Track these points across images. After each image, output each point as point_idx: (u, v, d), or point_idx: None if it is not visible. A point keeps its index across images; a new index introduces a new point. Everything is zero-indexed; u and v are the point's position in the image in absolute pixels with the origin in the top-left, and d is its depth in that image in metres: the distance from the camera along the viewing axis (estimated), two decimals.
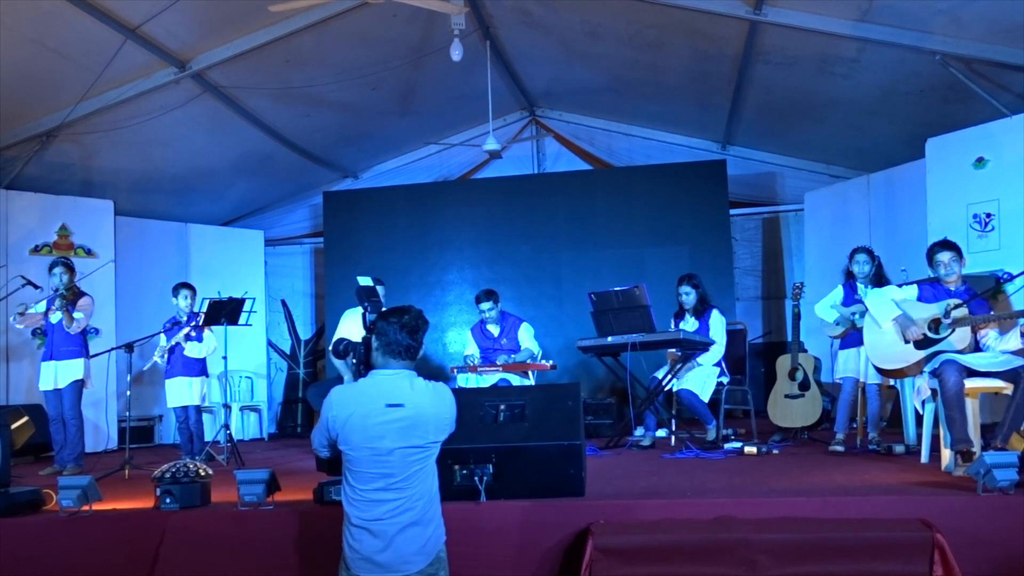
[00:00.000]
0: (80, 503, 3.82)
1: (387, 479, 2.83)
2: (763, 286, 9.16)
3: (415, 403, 2.88)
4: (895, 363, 4.82)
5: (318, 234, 9.59)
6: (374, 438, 2.82)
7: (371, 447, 2.82)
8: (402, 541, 2.82)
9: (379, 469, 2.83)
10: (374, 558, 2.81)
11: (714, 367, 6.14)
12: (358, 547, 2.83)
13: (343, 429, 2.85)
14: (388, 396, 2.86)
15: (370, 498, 2.83)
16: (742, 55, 6.78)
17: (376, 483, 2.83)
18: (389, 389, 2.89)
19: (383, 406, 2.84)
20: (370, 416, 2.83)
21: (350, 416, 2.84)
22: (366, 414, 2.84)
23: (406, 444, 2.84)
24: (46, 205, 7.54)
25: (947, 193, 6.35)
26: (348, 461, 2.88)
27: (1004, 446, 4.04)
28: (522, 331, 6.63)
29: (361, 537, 2.82)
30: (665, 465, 5.15)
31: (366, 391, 2.90)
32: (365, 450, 2.83)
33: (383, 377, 2.93)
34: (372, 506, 2.82)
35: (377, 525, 2.81)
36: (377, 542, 2.81)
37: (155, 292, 7.58)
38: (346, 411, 2.86)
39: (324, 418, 2.91)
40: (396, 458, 2.83)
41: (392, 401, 2.85)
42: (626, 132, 9.30)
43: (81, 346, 5.99)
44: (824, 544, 3.30)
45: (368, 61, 7.23)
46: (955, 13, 5.61)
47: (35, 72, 6.25)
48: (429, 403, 2.92)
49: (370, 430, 2.82)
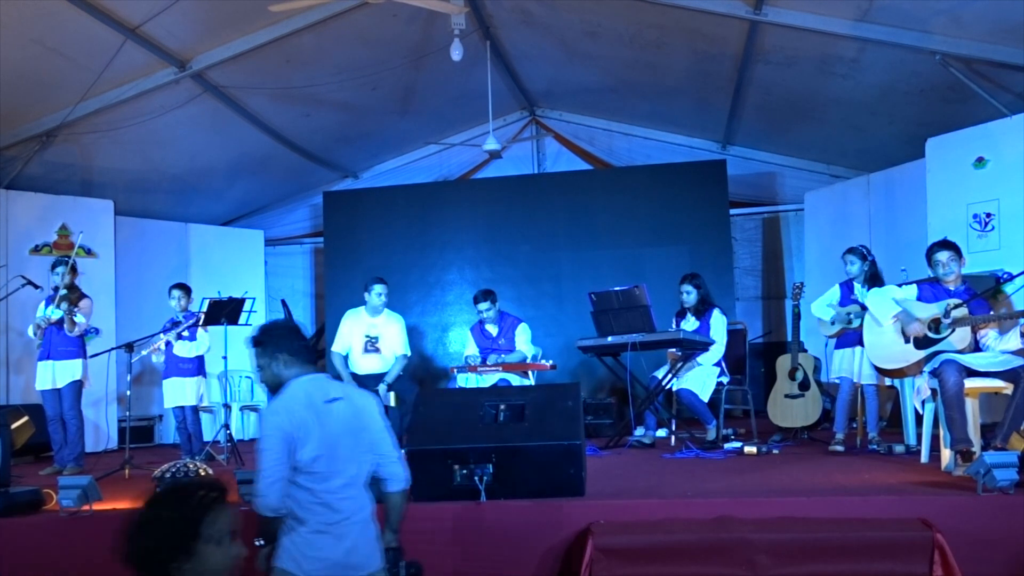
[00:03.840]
0: (80, 503, 3.82)
1: (344, 475, 2.77)
2: (763, 286, 9.16)
3: (348, 395, 2.87)
4: (895, 363, 4.82)
5: (318, 234, 9.59)
6: (329, 435, 2.75)
7: (329, 444, 2.74)
8: (363, 540, 2.78)
9: (337, 466, 2.75)
10: (344, 560, 2.72)
11: (714, 367, 6.14)
12: (321, 554, 2.70)
13: (302, 432, 2.70)
14: (323, 394, 2.81)
15: (332, 500, 2.73)
16: (742, 55, 6.78)
17: (336, 480, 2.75)
18: (320, 389, 2.83)
19: (324, 403, 2.78)
20: (319, 415, 2.75)
21: (303, 419, 2.72)
22: (315, 413, 2.75)
23: (355, 437, 2.82)
24: (46, 205, 7.52)
25: (947, 193, 6.35)
26: (305, 468, 2.72)
27: (1004, 446, 4.05)
28: (518, 332, 6.62)
29: (324, 543, 2.71)
30: (665, 465, 5.15)
31: (300, 397, 2.77)
32: (324, 448, 2.73)
33: (306, 382, 2.83)
34: (335, 507, 2.74)
35: (341, 527, 2.73)
36: (343, 544, 2.73)
37: (155, 292, 7.56)
38: (297, 415, 2.72)
39: (278, 433, 2.70)
40: (349, 452, 2.79)
41: (330, 397, 2.81)
42: (626, 132, 9.29)
43: (79, 346, 5.99)
44: (824, 544, 3.31)
45: (368, 61, 7.23)
46: (955, 13, 5.61)
47: (35, 72, 6.25)
48: (358, 394, 2.93)
49: (324, 427, 2.74)
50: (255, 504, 2.69)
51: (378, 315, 6.48)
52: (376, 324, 6.47)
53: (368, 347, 6.43)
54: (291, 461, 2.70)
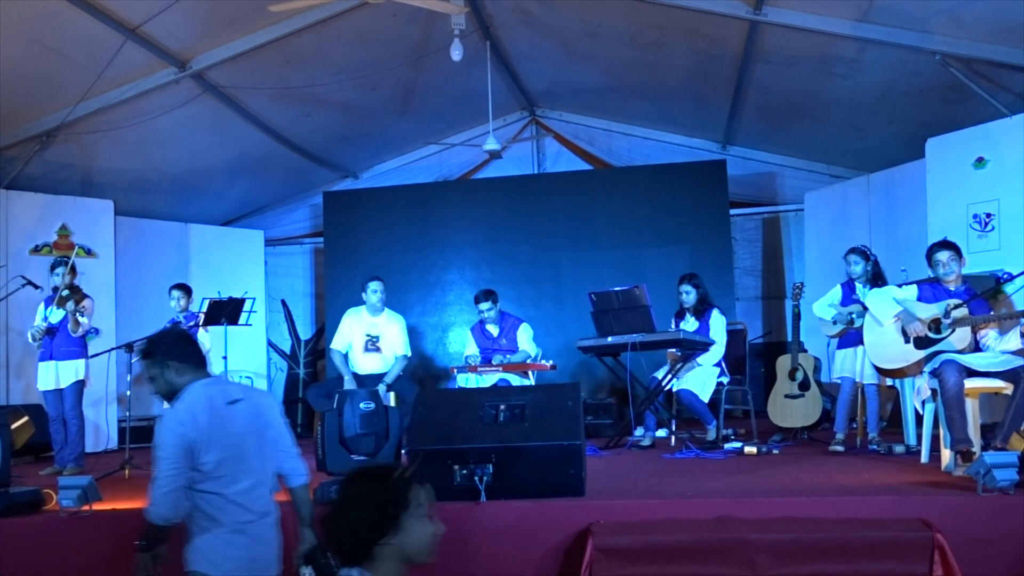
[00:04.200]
0: (80, 503, 3.82)
1: (252, 475, 2.78)
2: (763, 286, 9.15)
3: (248, 394, 2.90)
4: (895, 363, 4.82)
5: (318, 234, 9.58)
6: (234, 437, 2.75)
7: (235, 446, 2.75)
8: (275, 542, 2.82)
9: (244, 467, 2.76)
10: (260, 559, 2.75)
11: (714, 367, 6.14)
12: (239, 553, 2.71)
13: (205, 435, 2.70)
14: (225, 396, 2.82)
15: (243, 500, 2.74)
16: (742, 55, 6.78)
17: (245, 481, 2.76)
18: (220, 391, 2.84)
19: (225, 405, 2.79)
20: (223, 418, 2.75)
21: (206, 424, 2.71)
22: (218, 417, 2.75)
23: (259, 436, 2.84)
24: (46, 205, 7.52)
25: (947, 193, 6.35)
26: (211, 473, 2.71)
27: (1004, 446, 4.05)
28: (521, 332, 6.63)
29: (242, 543, 2.72)
30: (665, 465, 5.15)
31: (202, 401, 2.76)
32: (230, 450, 2.73)
33: (204, 385, 2.83)
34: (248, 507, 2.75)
35: (256, 527, 2.76)
36: (259, 543, 2.76)
37: (155, 292, 7.56)
38: (200, 421, 2.71)
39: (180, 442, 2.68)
40: (256, 451, 2.81)
41: (231, 399, 2.82)
42: (626, 132, 9.29)
43: (81, 346, 5.99)
44: (824, 544, 3.31)
45: (368, 61, 7.23)
46: (955, 13, 5.61)
47: (35, 72, 6.25)
48: (256, 393, 2.98)
49: (229, 430, 2.75)
50: (147, 512, 2.68)
51: (379, 314, 6.48)
52: (377, 323, 6.47)
53: (368, 346, 6.43)
54: (191, 469, 2.68)
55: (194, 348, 2.92)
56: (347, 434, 4.02)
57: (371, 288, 6.42)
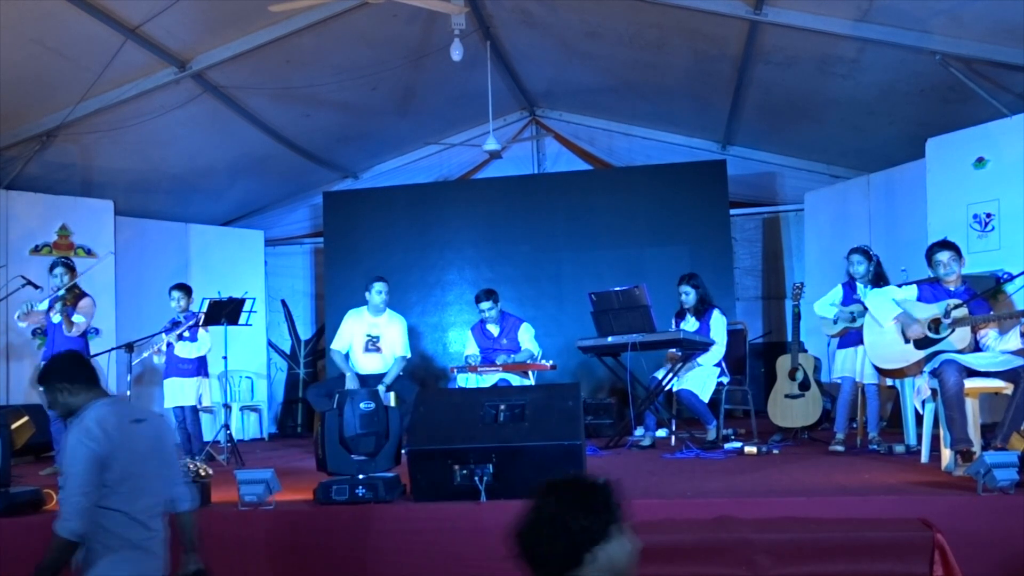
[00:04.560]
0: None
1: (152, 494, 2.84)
2: (763, 286, 9.15)
3: (150, 416, 3.00)
4: (895, 363, 4.82)
5: (318, 234, 9.58)
6: (137, 455, 2.80)
7: (138, 463, 2.79)
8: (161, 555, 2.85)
9: (145, 485, 2.81)
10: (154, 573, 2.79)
11: (714, 367, 6.14)
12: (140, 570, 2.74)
13: (115, 450, 2.73)
14: (128, 415, 2.89)
15: (143, 518, 2.78)
16: (742, 55, 6.78)
17: (145, 499, 2.80)
18: (123, 410, 2.94)
19: (130, 423, 2.84)
20: (128, 435, 2.80)
21: (115, 440, 2.74)
22: (124, 434, 2.79)
23: (159, 457, 2.91)
24: (46, 205, 7.53)
25: (947, 193, 6.35)
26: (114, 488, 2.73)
27: (1004, 446, 4.05)
28: (522, 331, 6.62)
29: (143, 559, 2.76)
30: (665, 465, 5.15)
31: (109, 418, 2.78)
32: (133, 467, 2.77)
33: (106, 404, 2.87)
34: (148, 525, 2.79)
35: (154, 543, 2.81)
36: (158, 560, 2.81)
37: (155, 292, 7.56)
38: (111, 436, 2.74)
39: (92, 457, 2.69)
40: (156, 471, 2.87)
41: (134, 418, 2.89)
42: (626, 132, 9.29)
43: (82, 347, 5.98)
44: (824, 544, 3.31)
45: (368, 61, 7.23)
46: (955, 13, 5.61)
47: (35, 72, 6.25)
48: (154, 416, 3.07)
49: (133, 448, 2.79)
50: (59, 528, 2.66)
51: (380, 315, 6.48)
52: (378, 324, 6.47)
53: (369, 346, 6.43)
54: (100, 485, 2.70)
55: (86, 368, 2.97)
56: (347, 434, 4.02)
57: (375, 288, 6.42)
